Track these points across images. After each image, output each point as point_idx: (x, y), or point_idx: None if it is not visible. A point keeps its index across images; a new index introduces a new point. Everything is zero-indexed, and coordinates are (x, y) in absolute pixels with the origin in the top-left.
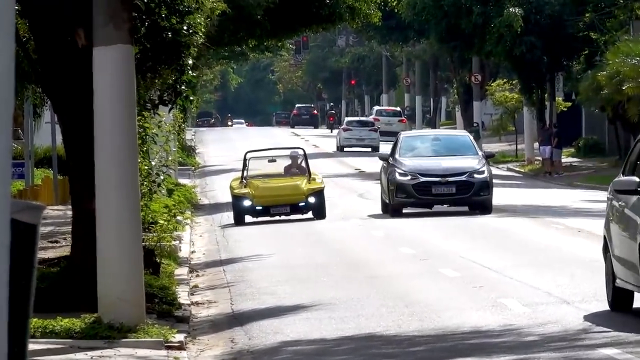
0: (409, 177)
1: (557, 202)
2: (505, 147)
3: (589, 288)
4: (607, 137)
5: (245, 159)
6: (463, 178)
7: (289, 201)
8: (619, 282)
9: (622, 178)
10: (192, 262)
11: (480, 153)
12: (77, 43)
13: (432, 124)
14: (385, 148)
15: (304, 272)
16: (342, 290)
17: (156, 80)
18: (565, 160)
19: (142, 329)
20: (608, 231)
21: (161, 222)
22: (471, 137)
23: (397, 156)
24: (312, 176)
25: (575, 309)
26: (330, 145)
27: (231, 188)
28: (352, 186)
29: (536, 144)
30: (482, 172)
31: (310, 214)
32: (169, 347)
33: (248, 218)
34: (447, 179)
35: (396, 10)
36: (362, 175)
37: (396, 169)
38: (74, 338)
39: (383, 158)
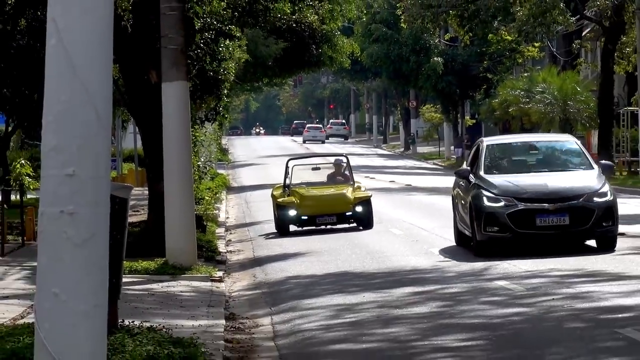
0: (501, 204)
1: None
2: (432, 149)
3: None
4: None
5: (287, 167)
6: (579, 203)
7: (336, 210)
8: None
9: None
10: (227, 224)
11: (595, 166)
12: (150, 80)
13: (383, 134)
14: (330, 147)
15: (303, 231)
16: (326, 243)
17: (203, 105)
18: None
19: (194, 268)
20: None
21: (207, 198)
22: (579, 142)
23: (481, 172)
24: (356, 184)
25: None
26: (316, 147)
27: (273, 197)
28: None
29: (452, 147)
30: (605, 194)
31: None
32: (212, 280)
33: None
34: (556, 204)
35: (360, 59)
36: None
37: (483, 191)
38: (150, 274)
39: (462, 175)
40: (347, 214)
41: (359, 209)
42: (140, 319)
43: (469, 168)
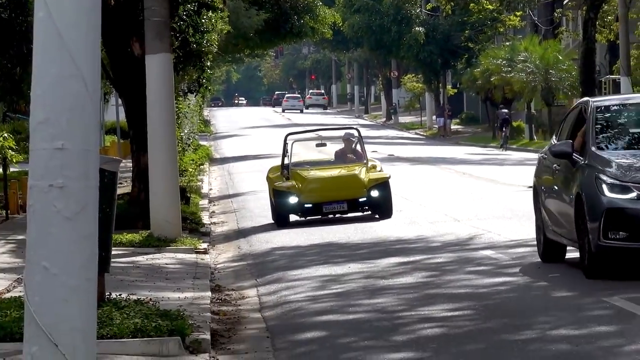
0: (633, 195)
1: (448, 154)
2: (414, 119)
3: (471, 211)
4: (480, 112)
5: (285, 143)
6: None
7: (347, 196)
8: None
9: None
10: (210, 196)
11: None
12: (134, 52)
13: (365, 105)
14: (306, 117)
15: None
16: (325, 229)
17: (185, 77)
18: (453, 127)
19: (179, 240)
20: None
21: (190, 169)
22: None
23: (593, 148)
24: (370, 163)
25: (463, 225)
26: (297, 117)
27: (269, 181)
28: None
29: (434, 117)
30: None
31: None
32: (197, 252)
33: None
34: None
35: (341, 29)
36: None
37: (601, 175)
38: (135, 246)
39: (561, 153)
40: (361, 199)
41: (374, 193)
42: (127, 291)
43: (570, 141)
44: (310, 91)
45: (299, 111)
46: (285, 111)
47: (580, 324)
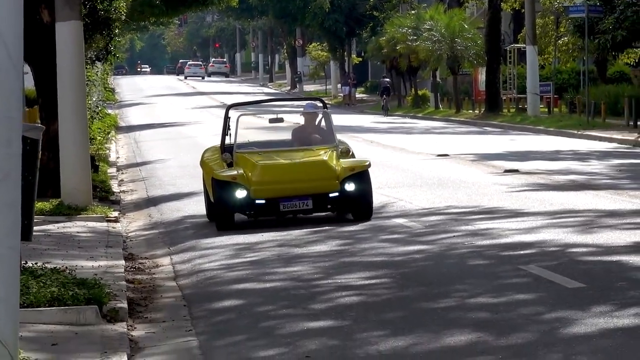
0: None
1: (354, 123)
2: (319, 87)
3: (382, 179)
4: (398, 87)
5: (227, 118)
6: None
7: (313, 189)
8: None
9: None
10: (118, 164)
11: None
12: (43, 19)
13: (270, 73)
14: (210, 85)
15: (193, 170)
16: None
17: (93, 44)
18: (358, 95)
19: (90, 208)
20: None
21: (98, 138)
22: None
23: None
24: (341, 146)
25: (374, 193)
26: (201, 85)
27: (205, 166)
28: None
29: (339, 85)
30: None
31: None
32: (108, 220)
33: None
34: None
35: None
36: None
37: None
38: (45, 215)
39: None
40: (332, 195)
41: (350, 186)
42: (40, 260)
43: None
44: (213, 59)
45: (200, 78)
46: (188, 78)
47: (498, 292)
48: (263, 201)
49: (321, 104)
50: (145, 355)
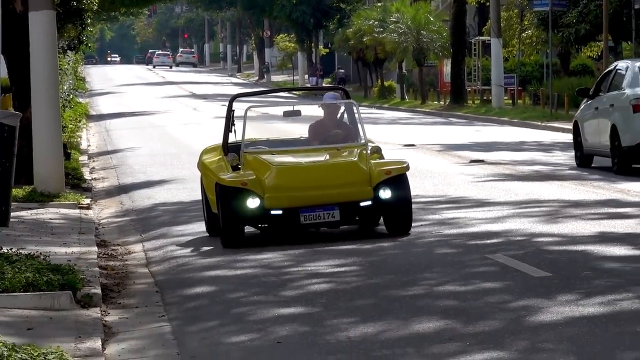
0: None
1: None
2: (287, 78)
3: None
4: (352, 71)
5: (231, 110)
6: None
7: (341, 197)
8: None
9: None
10: (89, 152)
11: None
12: (15, 9)
13: (238, 63)
14: (179, 75)
15: (163, 159)
16: (188, 170)
17: (65, 34)
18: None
19: (62, 195)
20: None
21: (70, 126)
22: None
23: None
24: (370, 145)
25: None
26: (169, 75)
27: (204, 168)
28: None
29: (306, 76)
30: None
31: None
32: (80, 208)
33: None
34: None
35: None
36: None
37: None
38: (18, 201)
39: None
40: (363, 203)
41: (385, 193)
42: (15, 246)
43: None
44: (181, 49)
45: (168, 67)
46: (156, 67)
47: (465, 281)
48: (280, 212)
49: (345, 95)
50: (118, 341)
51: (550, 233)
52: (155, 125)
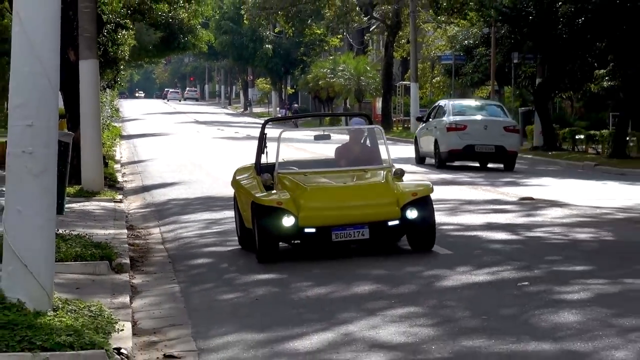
0: None
1: (291, 135)
2: (264, 110)
3: None
4: (310, 106)
5: (264, 134)
6: None
7: (370, 217)
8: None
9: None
10: (121, 162)
11: None
12: (70, 58)
13: (229, 99)
14: (185, 107)
15: (174, 167)
16: (194, 175)
17: (104, 77)
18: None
19: (102, 193)
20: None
21: (107, 143)
22: None
23: None
24: (393, 167)
25: None
26: (178, 106)
27: (239, 187)
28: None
29: (278, 108)
30: None
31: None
32: (115, 202)
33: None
34: None
35: (213, 45)
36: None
37: None
38: (70, 197)
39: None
40: (391, 223)
41: (412, 213)
42: (67, 229)
43: None
44: (187, 88)
45: (178, 100)
46: (169, 101)
47: (391, 256)
48: (313, 230)
49: (368, 121)
50: (142, 297)
51: (452, 223)
52: (168, 143)
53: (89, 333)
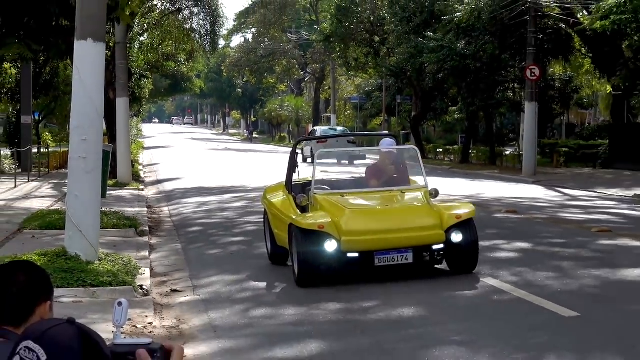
0: None
1: (258, 148)
2: (236, 131)
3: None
4: (266, 129)
5: (295, 153)
6: None
7: (414, 241)
8: None
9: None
10: (143, 164)
11: None
12: (110, 97)
13: (213, 124)
14: (185, 129)
15: (177, 167)
16: (189, 172)
17: (133, 108)
18: (255, 136)
19: (130, 184)
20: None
21: (134, 152)
22: None
23: None
24: (430, 189)
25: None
26: (179, 128)
27: (273, 207)
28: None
29: (245, 130)
30: None
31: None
32: (139, 190)
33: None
34: None
35: (204, 89)
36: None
37: None
38: (109, 187)
39: None
40: (436, 247)
41: (457, 237)
42: (107, 207)
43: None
44: (186, 117)
45: (179, 125)
46: (174, 125)
47: None
48: (356, 255)
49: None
50: (157, 252)
51: None
52: (173, 152)
53: (122, 275)
